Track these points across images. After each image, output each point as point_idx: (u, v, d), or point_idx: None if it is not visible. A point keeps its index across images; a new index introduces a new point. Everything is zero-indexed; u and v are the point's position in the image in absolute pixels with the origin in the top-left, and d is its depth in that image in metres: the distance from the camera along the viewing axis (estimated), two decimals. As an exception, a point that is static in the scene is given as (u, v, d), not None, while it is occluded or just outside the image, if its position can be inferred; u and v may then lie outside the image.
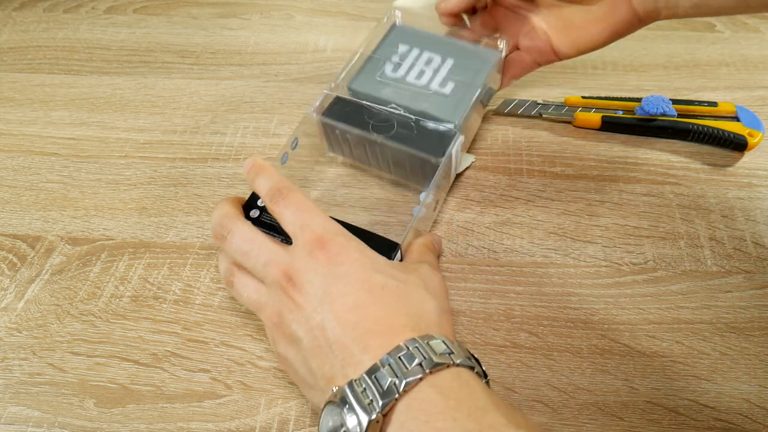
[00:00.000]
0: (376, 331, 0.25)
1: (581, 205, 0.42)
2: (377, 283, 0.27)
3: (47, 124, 0.48)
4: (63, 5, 0.60)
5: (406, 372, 0.23)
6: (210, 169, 0.44)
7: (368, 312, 0.26)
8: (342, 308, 0.26)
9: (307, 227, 0.29)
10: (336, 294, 0.26)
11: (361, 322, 0.26)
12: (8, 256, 0.39)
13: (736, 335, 0.35)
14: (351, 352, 0.25)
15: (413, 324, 0.26)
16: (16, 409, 0.32)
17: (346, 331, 0.25)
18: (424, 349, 0.24)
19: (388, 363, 0.23)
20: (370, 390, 0.23)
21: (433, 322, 0.27)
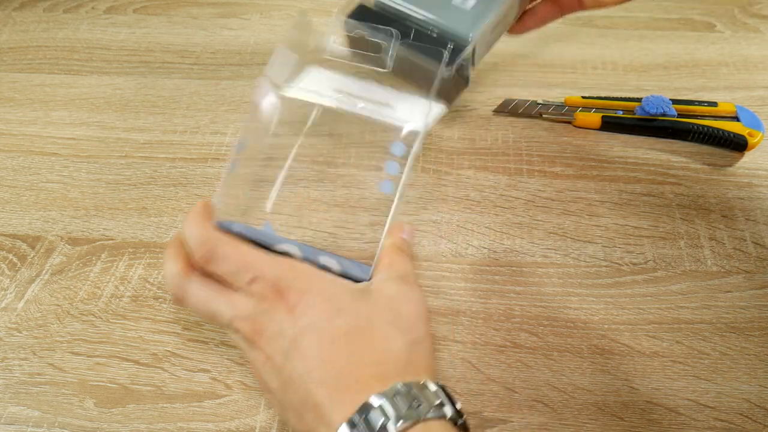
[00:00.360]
0: (343, 387, 0.25)
1: (581, 205, 0.42)
2: (341, 330, 0.26)
3: (47, 124, 0.48)
4: (63, 5, 0.60)
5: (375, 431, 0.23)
6: (210, 169, 0.44)
7: (334, 365, 0.26)
8: (307, 364, 0.26)
9: (257, 279, 0.28)
10: (301, 348, 0.26)
11: (328, 377, 0.25)
12: (8, 256, 0.39)
13: (736, 335, 0.35)
14: (322, 411, 0.25)
15: (380, 372, 0.25)
16: (16, 409, 0.32)
17: (314, 387, 0.25)
18: (390, 404, 0.24)
19: (359, 421, 0.23)
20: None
21: (402, 363, 0.26)
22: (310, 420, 0.25)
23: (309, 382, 0.25)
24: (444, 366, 0.34)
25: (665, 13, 0.59)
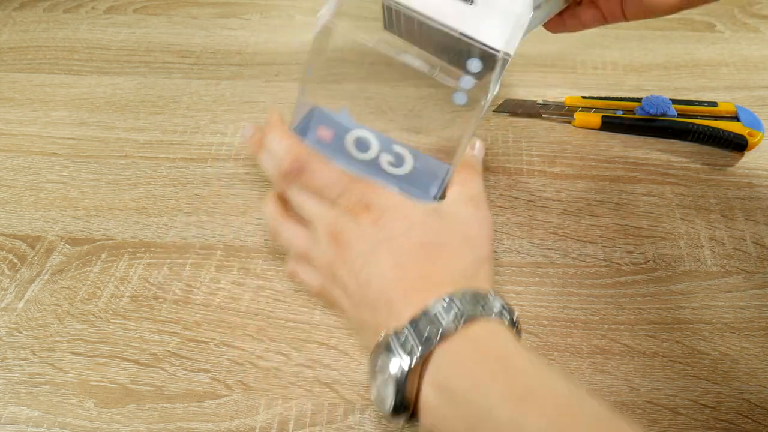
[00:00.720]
0: (415, 288, 0.28)
1: (581, 205, 0.42)
2: (417, 242, 0.30)
3: (47, 124, 0.48)
4: (63, 5, 0.60)
5: (442, 324, 0.26)
6: (210, 169, 0.44)
7: (409, 270, 0.29)
8: (385, 267, 0.29)
9: (346, 193, 0.31)
10: (380, 255, 0.29)
11: (403, 280, 0.29)
12: (8, 256, 0.39)
13: (736, 335, 0.35)
14: (394, 307, 0.28)
15: (451, 279, 0.28)
16: (16, 409, 0.32)
17: (389, 286, 0.28)
18: (458, 304, 0.26)
19: (427, 317, 0.26)
20: (412, 338, 0.26)
21: (470, 274, 0.29)
22: (382, 315, 0.28)
23: (384, 283, 0.29)
24: (444, 366, 0.34)
25: (665, 13, 0.59)
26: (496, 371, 0.25)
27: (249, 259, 0.39)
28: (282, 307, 0.37)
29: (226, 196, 0.43)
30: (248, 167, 0.45)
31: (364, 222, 0.30)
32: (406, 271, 0.29)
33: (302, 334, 0.35)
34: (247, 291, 0.37)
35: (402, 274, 0.29)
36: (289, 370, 0.34)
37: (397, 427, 0.30)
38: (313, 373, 0.34)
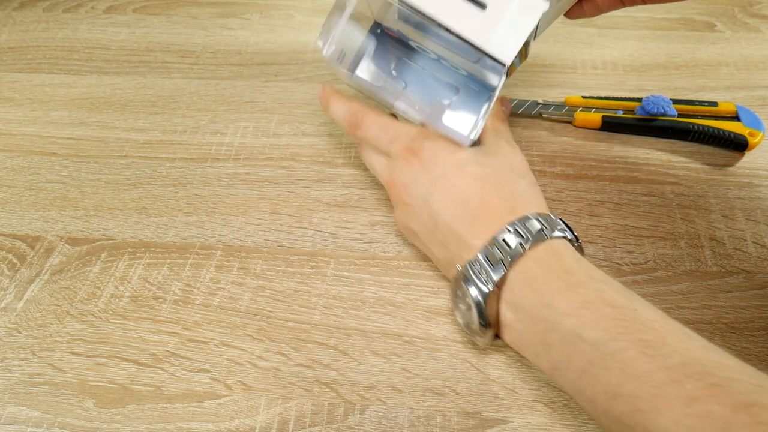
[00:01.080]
0: (480, 220, 0.31)
1: (581, 205, 0.42)
2: (471, 176, 0.32)
3: (47, 124, 0.48)
4: (62, 5, 0.60)
5: (510, 250, 0.29)
6: (210, 169, 0.44)
7: (469, 203, 0.31)
8: (446, 204, 0.32)
9: (395, 141, 0.34)
10: (438, 193, 0.32)
11: (466, 213, 0.31)
12: (8, 256, 0.39)
13: (736, 335, 0.35)
14: (463, 240, 0.31)
15: (510, 207, 0.31)
16: (16, 409, 0.32)
17: (454, 222, 0.31)
18: (522, 229, 0.29)
19: (496, 244, 0.29)
20: (486, 266, 0.29)
21: (526, 200, 0.32)
22: (453, 249, 0.31)
23: (449, 219, 0.31)
24: (444, 366, 0.34)
25: (665, 13, 0.59)
26: (560, 287, 0.27)
27: (249, 259, 0.39)
28: (282, 307, 0.37)
29: (226, 196, 0.43)
30: (248, 167, 0.45)
31: (416, 166, 0.33)
32: (467, 205, 0.31)
33: (302, 334, 0.35)
34: (246, 291, 0.37)
35: (464, 208, 0.31)
36: (289, 370, 0.34)
37: (486, 342, 0.32)
38: (313, 373, 0.34)
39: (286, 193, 0.43)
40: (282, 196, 0.43)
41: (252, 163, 0.45)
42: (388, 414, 0.32)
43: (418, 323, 0.36)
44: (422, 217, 0.33)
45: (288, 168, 0.45)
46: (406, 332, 0.35)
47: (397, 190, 0.34)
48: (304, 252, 0.39)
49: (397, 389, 0.33)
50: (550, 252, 0.29)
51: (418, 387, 0.33)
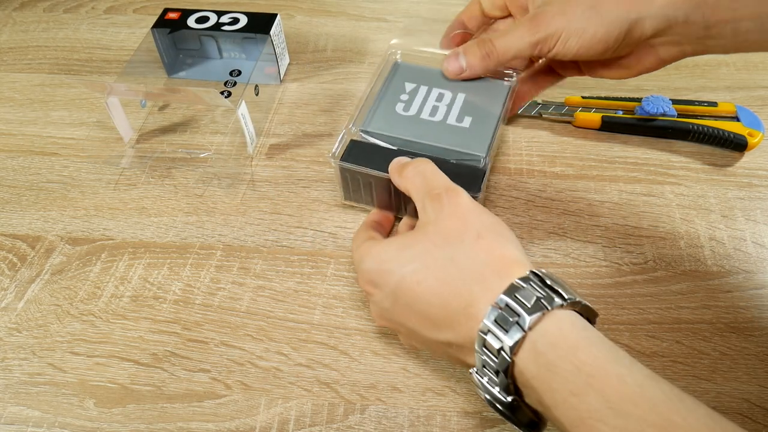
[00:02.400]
0: (450, 327, 0.27)
1: (581, 205, 0.42)
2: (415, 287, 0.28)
3: (47, 124, 0.48)
4: (63, 5, 0.60)
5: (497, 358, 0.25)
6: (210, 169, 0.44)
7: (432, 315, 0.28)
8: (416, 321, 0.28)
9: (360, 281, 0.31)
10: (404, 314, 0.29)
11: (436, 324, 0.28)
12: (8, 256, 0.39)
13: (736, 335, 0.35)
14: (453, 348, 0.28)
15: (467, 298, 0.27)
16: (16, 409, 0.32)
17: (434, 335, 0.28)
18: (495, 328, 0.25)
19: (479, 351, 0.26)
20: (487, 374, 0.26)
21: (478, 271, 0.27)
22: (453, 354, 0.28)
23: (429, 335, 0.28)
24: (444, 366, 0.34)
25: (665, 13, 0.59)
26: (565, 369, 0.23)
27: (249, 259, 0.39)
28: (282, 307, 0.37)
29: (225, 196, 0.43)
30: (248, 167, 0.45)
31: (374, 295, 0.30)
32: (431, 317, 0.28)
33: (302, 334, 0.35)
34: (246, 291, 0.37)
35: (431, 320, 0.28)
36: (289, 370, 0.34)
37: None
38: (313, 373, 0.34)
39: (286, 193, 0.43)
40: (282, 196, 0.43)
41: (252, 163, 0.45)
42: (388, 414, 0.32)
43: (418, 323, 0.36)
44: (412, 339, 0.30)
45: (288, 168, 0.45)
46: (406, 332, 0.35)
47: (381, 321, 0.32)
48: (304, 252, 0.39)
49: (397, 389, 0.33)
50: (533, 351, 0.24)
51: (418, 387, 0.33)
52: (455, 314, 0.27)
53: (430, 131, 0.38)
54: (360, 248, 0.31)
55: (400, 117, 0.38)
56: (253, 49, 0.51)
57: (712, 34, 0.32)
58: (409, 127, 0.38)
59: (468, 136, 0.37)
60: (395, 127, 0.38)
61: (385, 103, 0.39)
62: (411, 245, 0.29)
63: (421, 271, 0.28)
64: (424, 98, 0.39)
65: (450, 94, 0.39)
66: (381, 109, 0.39)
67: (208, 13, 0.49)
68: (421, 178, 0.32)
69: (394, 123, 0.38)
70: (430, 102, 0.39)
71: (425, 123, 0.38)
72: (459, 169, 0.35)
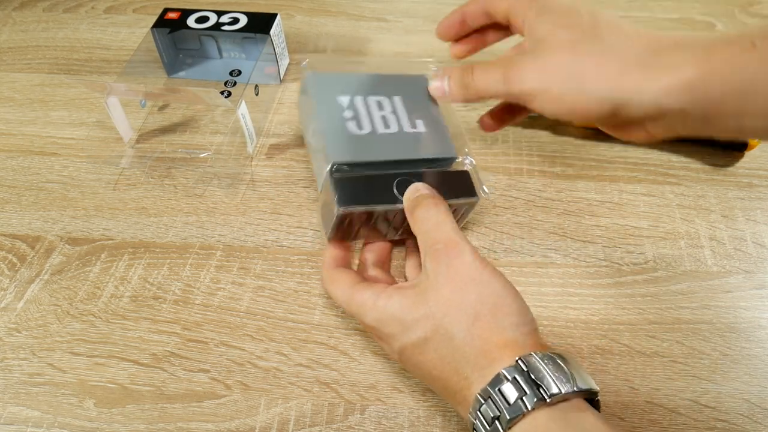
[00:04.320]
0: (452, 399, 0.28)
1: (581, 205, 0.42)
2: (416, 362, 0.29)
3: (47, 124, 0.48)
4: (63, 5, 0.60)
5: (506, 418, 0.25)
6: (210, 169, 0.44)
7: (436, 384, 0.29)
8: (423, 377, 0.30)
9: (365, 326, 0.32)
10: (411, 370, 0.30)
11: (440, 391, 0.29)
12: (8, 256, 0.39)
13: (736, 335, 0.35)
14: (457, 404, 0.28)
15: (463, 380, 0.27)
16: (16, 409, 0.32)
17: (442, 394, 0.29)
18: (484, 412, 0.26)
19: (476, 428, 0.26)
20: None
21: (473, 354, 0.27)
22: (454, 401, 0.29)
23: (437, 391, 0.30)
24: (444, 366, 0.34)
25: (665, 13, 0.59)
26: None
27: (249, 259, 0.39)
28: (282, 307, 0.37)
29: (225, 196, 0.43)
30: (248, 167, 0.45)
31: (383, 344, 0.31)
32: (435, 385, 0.29)
33: (302, 334, 0.35)
34: (246, 291, 0.37)
35: (435, 386, 0.29)
36: (289, 370, 0.34)
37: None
38: (313, 373, 0.34)
39: (286, 193, 0.43)
40: (282, 196, 0.43)
41: (252, 163, 0.45)
42: (388, 414, 0.32)
43: (418, 323, 0.36)
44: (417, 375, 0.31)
45: (288, 168, 0.45)
46: (406, 332, 0.35)
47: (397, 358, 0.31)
48: (304, 252, 0.39)
49: (397, 389, 0.33)
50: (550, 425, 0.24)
51: (418, 387, 0.33)
52: (454, 392, 0.28)
53: (395, 145, 0.35)
54: (354, 300, 0.31)
55: (359, 138, 0.35)
56: (253, 49, 0.51)
57: (711, 124, 0.27)
58: (374, 146, 0.35)
59: (430, 139, 0.36)
60: (361, 152, 0.34)
61: (334, 126, 0.35)
62: (412, 310, 0.29)
63: (422, 344, 0.28)
64: (367, 110, 0.36)
65: (387, 100, 0.37)
66: (336, 134, 0.34)
67: (208, 13, 0.49)
68: (426, 225, 0.31)
69: (358, 146, 0.34)
70: (375, 113, 0.36)
71: (386, 138, 0.35)
72: (448, 177, 0.35)
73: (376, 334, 0.31)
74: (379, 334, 0.30)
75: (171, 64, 0.52)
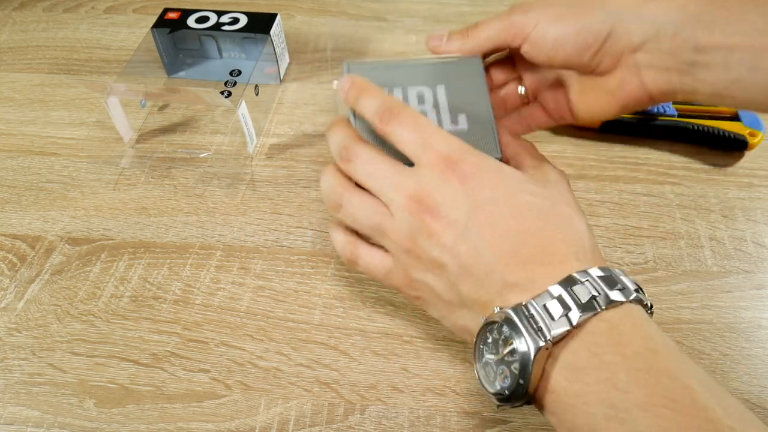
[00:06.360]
0: (537, 260, 0.25)
1: (581, 205, 0.42)
2: (524, 205, 0.26)
3: (47, 124, 0.48)
4: (62, 5, 0.60)
5: (581, 305, 0.23)
6: (210, 168, 0.44)
7: (523, 238, 0.25)
8: (493, 235, 0.26)
9: (430, 147, 0.28)
10: (483, 220, 0.26)
11: (519, 250, 0.25)
12: (8, 256, 0.39)
13: (736, 335, 0.35)
14: (513, 280, 0.25)
15: (574, 251, 0.25)
16: (16, 409, 0.32)
17: (503, 259, 0.25)
18: (597, 284, 0.24)
19: (559, 294, 0.23)
20: (540, 317, 0.23)
21: (590, 247, 0.26)
22: (493, 289, 0.25)
23: (496, 255, 0.25)
24: (444, 366, 0.34)
25: (665, 13, 0.59)
26: (639, 368, 0.22)
27: (249, 259, 0.39)
28: (282, 307, 0.37)
29: (226, 196, 0.43)
30: (248, 167, 0.45)
31: (453, 182, 0.27)
32: (522, 240, 0.25)
33: (302, 334, 0.35)
34: (246, 291, 0.37)
35: (518, 244, 0.25)
36: (289, 370, 0.34)
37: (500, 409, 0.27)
38: (313, 373, 0.34)
39: (286, 193, 0.43)
40: (282, 196, 0.43)
41: (252, 163, 0.45)
42: (388, 414, 0.32)
43: (418, 323, 0.36)
44: (458, 247, 0.26)
45: (288, 168, 0.45)
46: (406, 332, 0.35)
47: (423, 210, 0.27)
48: (304, 252, 0.39)
49: (397, 389, 0.33)
50: (629, 318, 0.23)
51: (418, 387, 0.33)
52: (551, 255, 0.25)
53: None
54: (452, 137, 0.28)
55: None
56: (253, 49, 0.51)
57: (701, 61, 0.28)
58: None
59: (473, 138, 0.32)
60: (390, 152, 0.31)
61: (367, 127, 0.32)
62: (535, 185, 0.27)
63: (536, 199, 0.27)
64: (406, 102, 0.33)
65: (429, 91, 0.34)
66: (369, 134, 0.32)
67: (208, 13, 0.49)
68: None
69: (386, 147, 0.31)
70: (415, 107, 0.33)
71: None
72: None
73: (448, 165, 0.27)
74: (462, 164, 0.27)
75: (171, 64, 0.52)
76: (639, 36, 0.29)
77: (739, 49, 0.27)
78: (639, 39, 0.29)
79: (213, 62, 0.53)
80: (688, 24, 0.28)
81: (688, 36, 0.28)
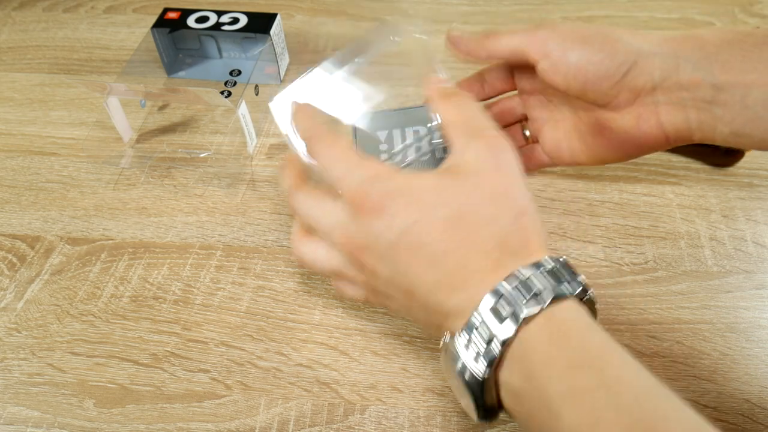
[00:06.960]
0: (460, 285, 0.25)
1: (581, 205, 0.42)
2: (440, 223, 0.25)
3: (47, 124, 0.48)
4: (62, 5, 0.60)
5: (501, 327, 0.23)
6: (210, 168, 0.44)
7: (444, 264, 0.25)
8: (420, 266, 0.25)
9: (342, 182, 0.27)
10: (405, 253, 0.26)
11: (442, 279, 0.25)
12: (8, 256, 0.39)
13: (736, 335, 0.35)
14: (448, 307, 0.25)
15: (495, 261, 0.25)
16: (16, 409, 0.32)
17: (432, 292, 0.25)
18: (513, 294, 0.23)
19: (481, 320, 0.23)
20: (475, 344, 0.23)
21: (513, 244, 0.25)
22: (438, 318, 0.26)
23: (425, 289, 0.25)
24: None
25: (666, 13, 0.59)
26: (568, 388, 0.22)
27: (249, 259, 0.39)
28: (282, 307, 0.37)
29: (226, 196, 0.43)
30: (248, 167, 0.45)
31: (369, 218, 0.26)
32: (441, 266, 0.25)
33: (302, 334, 0.35)
34: (246, 291, 0.37)
35: (439, 271, 0.25)
36: (289, 370, 0.34)
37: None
38: (313, 373, 0.34)
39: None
40: (282, 196, 0.43)
41: (252, 162, 0.45)
42: (388, 414, 0.32)
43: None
44: (394, 284, 0.26)
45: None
46: (406, 332, 0.35)
47: (356, 256, 0.27)
48: (304, 252, 0.39)
49: (397, 389, 0.33)
50: (546, 329, 0.23)
51: (418, 387, 0.33)
52: (470, 274, 0.25)
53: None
54: (363, 165, 0.27)
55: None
56: (253, 49, 0.51)
57: (719, 99, 0.29)
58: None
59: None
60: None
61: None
62: (448, 188, 0.26)
63: (451, 207, 0.26)
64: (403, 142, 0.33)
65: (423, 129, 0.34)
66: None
67: (208, 13, 0.49)
68: (466, 114, 0.29)
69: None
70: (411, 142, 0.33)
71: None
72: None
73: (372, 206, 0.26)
74: (384, 201, 0.26)
75: (171, 64, 0.52)
76: (660, 72, 0.30)
77: (756, 86, 0.28)
78: (660, 75, 0.30)
79: (213, 62, 0.53)
80: (707, 61, 0.29)
81: (706, 73, 0.29)
